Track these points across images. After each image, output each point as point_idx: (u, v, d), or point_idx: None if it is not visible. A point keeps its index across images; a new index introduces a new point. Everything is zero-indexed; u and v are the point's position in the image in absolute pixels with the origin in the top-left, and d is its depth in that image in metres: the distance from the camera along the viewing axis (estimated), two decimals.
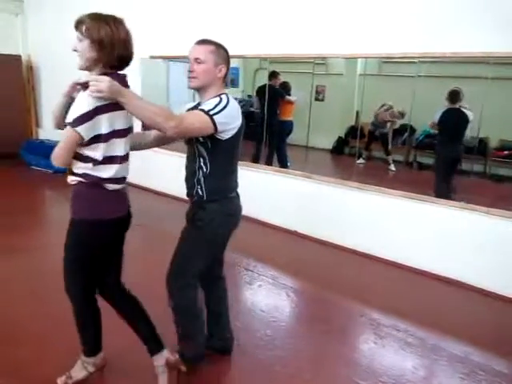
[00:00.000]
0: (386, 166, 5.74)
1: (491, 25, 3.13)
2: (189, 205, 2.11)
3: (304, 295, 3.28)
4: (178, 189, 2.10)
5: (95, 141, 1.67)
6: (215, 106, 1.86)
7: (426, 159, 5.38)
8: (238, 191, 2.13)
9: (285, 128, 5.68)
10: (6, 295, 2.87)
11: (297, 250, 4.14)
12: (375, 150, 6.07)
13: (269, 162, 5.30)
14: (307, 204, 4.31)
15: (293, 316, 3.01)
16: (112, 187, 1.77)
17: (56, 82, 1.70)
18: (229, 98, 1.93)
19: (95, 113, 1.63)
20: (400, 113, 5.35)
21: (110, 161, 1.74)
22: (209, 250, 2.09)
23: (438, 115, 4.31)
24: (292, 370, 2.29)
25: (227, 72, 1.99)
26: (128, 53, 1.73)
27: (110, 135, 1.70)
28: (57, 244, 1.87)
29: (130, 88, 1.74)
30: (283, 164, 5.35)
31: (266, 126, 5.19)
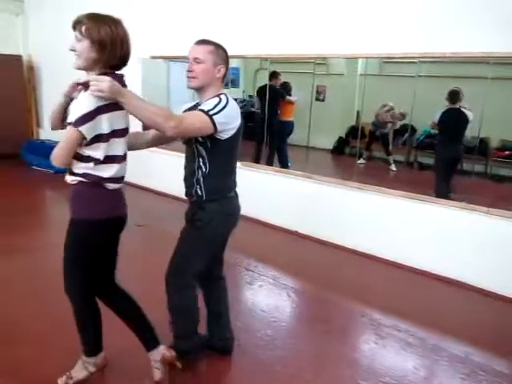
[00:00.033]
0: (386, 166, 5.74)
1: (491, 25, 3.13)
2: (188, 205, 2.12)
3: (305, 295, 3.28)
4: (178, 189, 2.11)
5: (96, 140, 1.67)
6: (215, 106, 1.86)
7: (426, 159, 5.38)
8: (237, 191, 2.13)
9: (285, 128, 5.69)
10: (6, 295, 2.87)
11: (297, 250, 4.14)
12: (376, 150, 6.07)
13: (269, 162, 5.30)
14: (308, 204, 4.31)
15: (293, 316, 3.01)
16: (112, 186, 1.79)
17: (57, 82, 1.70)
18: (228, 98, 1.93)
19: (97, 113, 1.63)
20: (401, 114, 5.35)
21: (111, 160, 1.75)
22: (208, 250, 2.10)
23: (437, 115, 4.31)
24: (293, 370, 2.29)
25: (226, 72, 1.99)
26: (126, 53, 1.74)
27: (111, 135, 1.71)
28: (58, 244, 1.87)
29: (127, 88, 1.74)
30: (284, 164, 5.36)
31: (267, 126, 5.19)
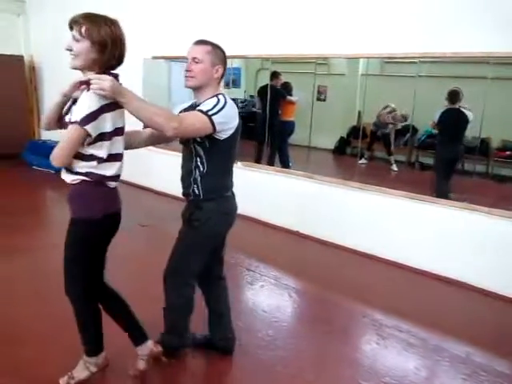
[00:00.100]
0: (388, 167, 5.73)
1: (491, 25, 3.13)
2: (185, 204, 2.13)
3: (306, 295, 3.28)
4: (178, 188, 2.11)
5: (100, 139, 1.69)
6: (214, 106, 1.87)
7: (428, 159, 5.37)
8: (234, 190, 2.15)
9: (286, 128, 5.68)
10: (8, 295, 2.88)
11: (298, 250, 4.14)
12: (377, 150, 6.07)
13: (270, 162, 5.30)
14: (308, 204, 4.30)
15: (295, 316, 3.01)
16: (113, 185, 1.81)
17: (58, 82, 1.70)
18: (226, 98, 1.94)
19: (100, 111, 1.65)
20: (403, 116, 5.35)
21: (114, 158, 1.77)
22: (206, 249, 2.11)
23: (437, 115, 4.31)
24: (294, 370, 2.29)
25: (224, 72, 2.00)
26: (123, 53, 1.75)
27: (113, 133, 1.73)
28: (59, 244, 1.87)
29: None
30: (285, 164, 5.35)
31: (268, 127, 5.19)
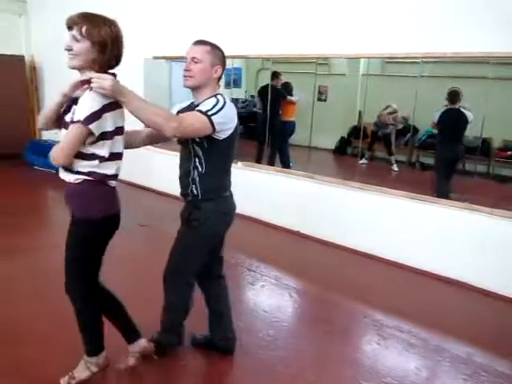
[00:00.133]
0: (388, 167, 5.73)
1: (491, 25, 3.12)
2: (183, 204, 2.13)
3: (306, 295, 3.28)
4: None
5: (101, 138, 1.70)
6: (213, 106, 1.88)
7: (428, 159, 5.37)
8: (234, 191, 2.15)
9: (287, 128, 5.69)
10: (9, 295, 2.88)
11: (299, 250, 4.14)
12: (378, 150, 6.06)
13: (271, 163, 5.30)
14: (309, 204, 4.30)
15: (295, 316, 3.01)
16: (114, 184, 1.82)
17: (59, 82, 1.70)
18: (225, 98, 1.95)
19: (103, 111, 1.65)
20: (404, 118, 5.35)
21: (115, 157, 1.78)
22: (204, 249, 2.12)
23: (437, 115, 4.30)
24: (294, 370, 2.29)
25: (222, 73, 2.01)
26: (122, 52, 1.76)
27: (114, 132, 1.74)
28: (59, 244, 1.88)
29: None
30: (285, 164, 5.35)
31: (269, 127, 5.19)
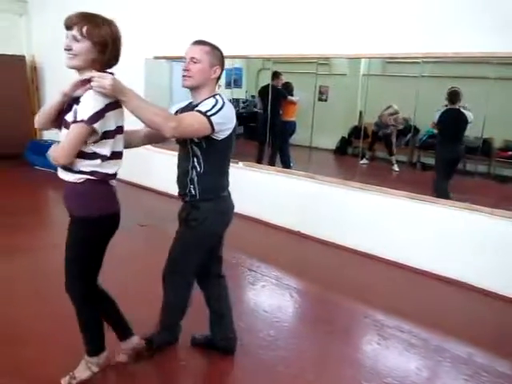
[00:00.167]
0: (389, 167, 5.72)
1: (489, 26, 3.12)
2: (181, 204, 2.14)
3: (307, 296, 3.27)
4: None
5: (104, 137, 1.70)
6: (212, 106, 1.88)
7: (429, 160, 5.36)
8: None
9: (287, 128, 5.68)
10: (10, 295, 2.88)
11: (299, 250, 4.14)
12: (379, 150, 6.06)
13: (272, 163, 5.29)
14: (309, 204, 4.30)
15: (296, 316, 3.01)
16: (114, 183, 1.83)
17: (60, 83, 1.70)
18: (223, 98, 1.96)
19: (106, 110, 1.66)
20: (405, 119, 5.37)
21: (116, 156, 1.79)
22: (203, 249, 2.13)
23: (437, 115, 4.30)
24: (295, 370, 2.29)
25: (221, 73, 2.01)
26: (119, 52, 1.76)
27: (116, 131, 1.74)
28: (60, 244, 1.88)
29: None
30: (286, 164, 5.35)
31: (269, 127, 5.18)
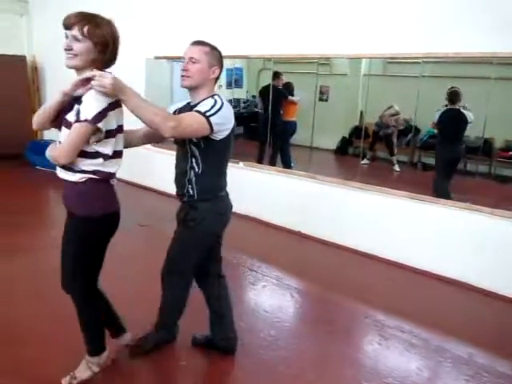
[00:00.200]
0: (390, 167, 5.72)
1: (489, 26, 3.12)
2: (179, 205, 2.14)
3: (308, 296, 3.27)
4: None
5: (107, 136, 1.71)
6: (211, 107, 1.88)
7: (430, 160, 5.35)
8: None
9: (288, 128, 5.68)
10: (10, 295, 2.88)
11: (300, 250, 4.14)
12: (379, 150, 6.05)
13: (272, 163, 5.29)
14: (310, 204, 4.30)
15: (297, 316, 3.01)
16: (115, 182, 1.84)
17: (60, 83, 1.70)
18: (222, 99, 1.96)
19: (108, 109, 1.66)
20: (405, 120, 5.37)
21: (117, 155, 1.80)
22: (201, 248, 2.13)
23: (437, 115, 4.30)
24: (296, 370, 2.29)
25: (220, 74, 2.02)
26: (118, 52, 1.77)
27: (117, 130, 1.75)
28: (60, 244, 1.87)
29: None
30: (287, 164, 5.35)
31: (270, 127, 5.18)
